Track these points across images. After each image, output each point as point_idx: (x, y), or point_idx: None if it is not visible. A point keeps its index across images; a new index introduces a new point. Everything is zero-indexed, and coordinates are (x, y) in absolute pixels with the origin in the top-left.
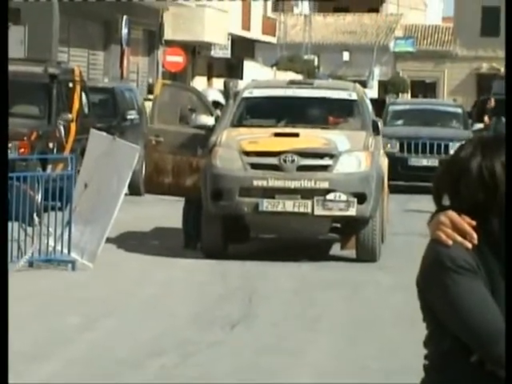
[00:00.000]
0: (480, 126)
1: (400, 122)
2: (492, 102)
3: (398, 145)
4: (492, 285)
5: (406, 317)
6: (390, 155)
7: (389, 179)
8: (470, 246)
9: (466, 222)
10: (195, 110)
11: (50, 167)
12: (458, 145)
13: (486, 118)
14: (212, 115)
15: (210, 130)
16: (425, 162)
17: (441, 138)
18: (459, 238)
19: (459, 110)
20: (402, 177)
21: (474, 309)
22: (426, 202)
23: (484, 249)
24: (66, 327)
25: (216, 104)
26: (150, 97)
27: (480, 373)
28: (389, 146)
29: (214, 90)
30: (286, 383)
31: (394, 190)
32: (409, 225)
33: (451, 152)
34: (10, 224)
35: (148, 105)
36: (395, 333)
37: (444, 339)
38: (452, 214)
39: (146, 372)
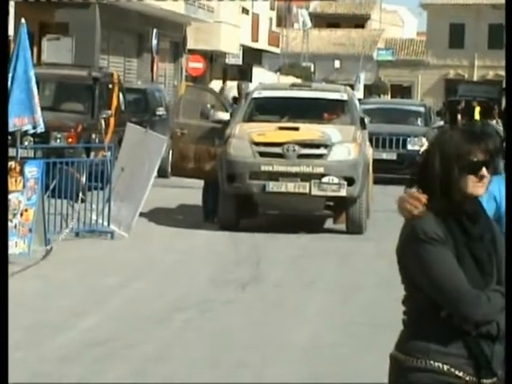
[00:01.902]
0: (440, 123)
1: (367, 119)
2: (463, 104)
3: None
4: (458, 253)
5: (387, 279)
6: None
7: None
8: (420, 211)
9: (419, 196)
10: (214, 107)
11: (92, 154)
12: (415, 140)
13: (459, 117)
14: (227, 112)
15: (226, 124)
16: (384, 155)
17: (399, 133)
18: (415, 205)
19: (422, 109)
20: None
21: (443, 273)
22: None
23: (451, 223)
24: (105, 287)
25: (235, 99)
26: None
27: (448, 325)
28: None
29: (235, 88)
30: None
31: None
32: (390, 204)
33: (408, 146)
34: (58, 201)
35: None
36: (379, 293)
37: (418, 298)
38: (411, 191)
39: (171, 325)
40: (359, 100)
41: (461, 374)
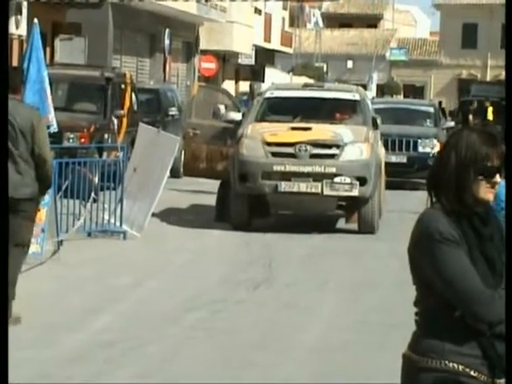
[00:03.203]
0: (450, 124)
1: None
2: (475, 104)
3: None
4: (471, 253)
5: (399, 279)
6: None
7: None
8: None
9: None
10: (226, 107)
11: (105, 154)
12: (426, 141)
13: (471, 118)
14: (239, 112)
15: (238, 124)
16: (394, 158)
17: (409, 135)
18: None
19: (431, 109)
20: None
21: (457, 274)
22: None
23: (463, 223)
24: (117, 286)
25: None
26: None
27: (462, 325)
28: None
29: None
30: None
31: None
32: (402, 204)
33: (419, 149)
34: (70, 201)
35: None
36: (391, 293)
37: (431, 298)
38: None
39: (183, 324)
40: (372, 99)
41: (475, 374)
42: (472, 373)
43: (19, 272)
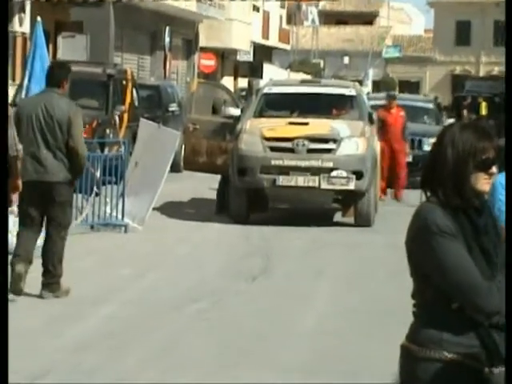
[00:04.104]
0: (451, 121)
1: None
2: (469, 99)
3: None
4: (468, 246)
5: (394, 270)
6: None
7: None
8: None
9: None
10: (225, 103)
11: (107, 149)
12: (431, 140)
13: (465, 113)
14: (238, 107)
15: (237, 119)
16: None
17: (414, 133)
18: None
19: (430, 105)
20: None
21: (456, 266)
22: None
23: (460, 216)
24: (119, 278)
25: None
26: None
27: (460, 316)
28: None
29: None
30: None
31: None
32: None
33: (425, 147)
34: (73, 195)
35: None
36: (386, 282)
37: (428, 290)
38: None
39: (184, 314)
40: (367, 94)
41: (473, 363)
42: (470, 362)
43: (64, 252)
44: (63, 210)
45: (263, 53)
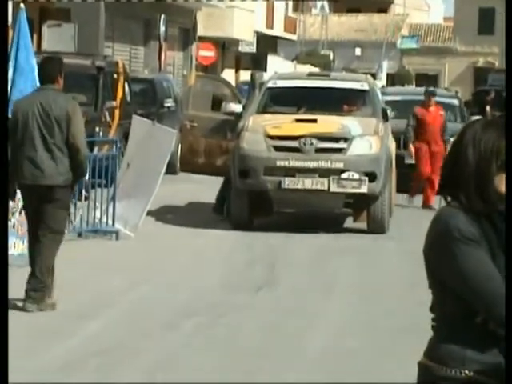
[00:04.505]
0: (475, 118)
1: (392, 114)
2: (492, 94)
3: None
4: (492, 253)
5: (410, 281)
6: None
7: None
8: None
9: None
10: (226, 98)
11: (96, 148)
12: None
13: (488, 109)
14: (240, 103)
15: (238, 116)
16: None
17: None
18: None
19: (455, 101)
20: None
21: (479, 275)
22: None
23: (483, 221)
24: (110, 289)
25: None
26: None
27: (483, 331)
28: None
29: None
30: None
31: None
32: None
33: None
34: None
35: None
36: (402, 297)
37: (449, 303)
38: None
39: (181, 330)
40: (381, 88)
41: (497, 383)
42: (494, 383)
43: (54, 260)
44: (56, 214)
45: (267, 43)
